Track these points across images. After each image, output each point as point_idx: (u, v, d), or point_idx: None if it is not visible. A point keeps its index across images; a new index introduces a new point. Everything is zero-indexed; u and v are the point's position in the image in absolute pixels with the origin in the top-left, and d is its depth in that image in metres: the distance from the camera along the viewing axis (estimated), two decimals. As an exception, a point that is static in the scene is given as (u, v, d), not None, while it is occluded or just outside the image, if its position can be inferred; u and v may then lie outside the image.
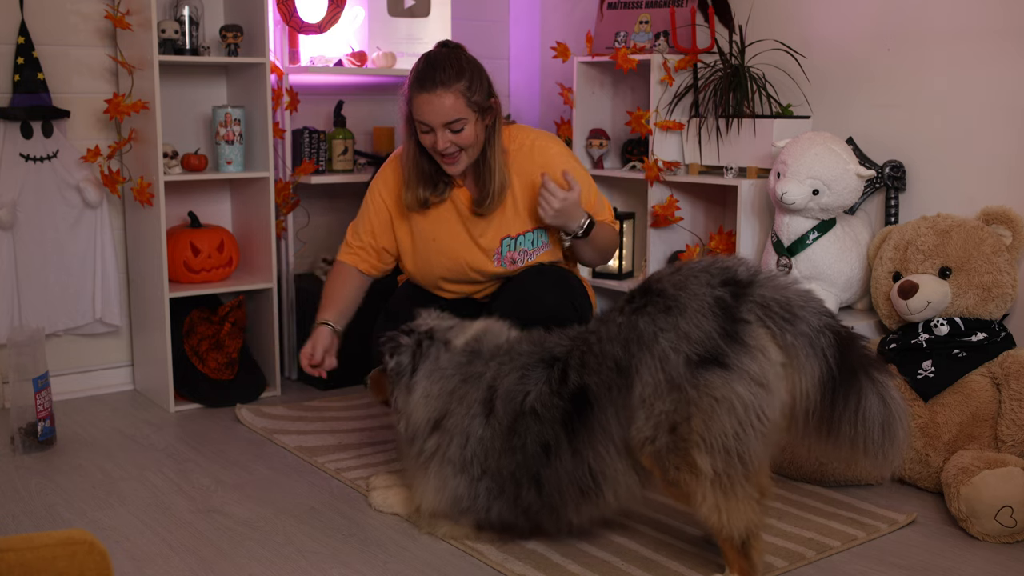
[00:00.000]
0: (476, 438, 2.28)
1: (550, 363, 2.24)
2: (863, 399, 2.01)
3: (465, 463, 2.29)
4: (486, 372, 2.31)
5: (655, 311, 2.08)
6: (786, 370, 2.02)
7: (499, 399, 2.27)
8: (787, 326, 2.00)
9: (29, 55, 3.33)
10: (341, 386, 3.66)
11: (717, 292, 2.04)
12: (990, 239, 2.74)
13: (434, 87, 2.55)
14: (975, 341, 2.67)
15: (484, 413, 2.28)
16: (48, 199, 3.43)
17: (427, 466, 2.35)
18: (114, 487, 2.74)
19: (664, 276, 2.14)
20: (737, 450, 2.00)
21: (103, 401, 3.53)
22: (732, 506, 2.03)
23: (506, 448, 2.25)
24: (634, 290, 2.19)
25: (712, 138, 3.35)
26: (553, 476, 2.21)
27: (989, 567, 2.28)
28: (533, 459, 2.22)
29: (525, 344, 2.33)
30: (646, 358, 2.06)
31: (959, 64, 2.96)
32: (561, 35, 4.14)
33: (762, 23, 3.44)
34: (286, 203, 3.68)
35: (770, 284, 2.06)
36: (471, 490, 2.30)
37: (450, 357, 2.35)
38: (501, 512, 2.30)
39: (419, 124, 2.61)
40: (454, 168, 2.64)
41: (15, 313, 3.39)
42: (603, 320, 2.21)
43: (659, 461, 2.08)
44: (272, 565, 2.28)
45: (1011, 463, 2.41)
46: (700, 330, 2.02)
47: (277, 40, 3.67)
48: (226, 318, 3.54)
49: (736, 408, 1.99)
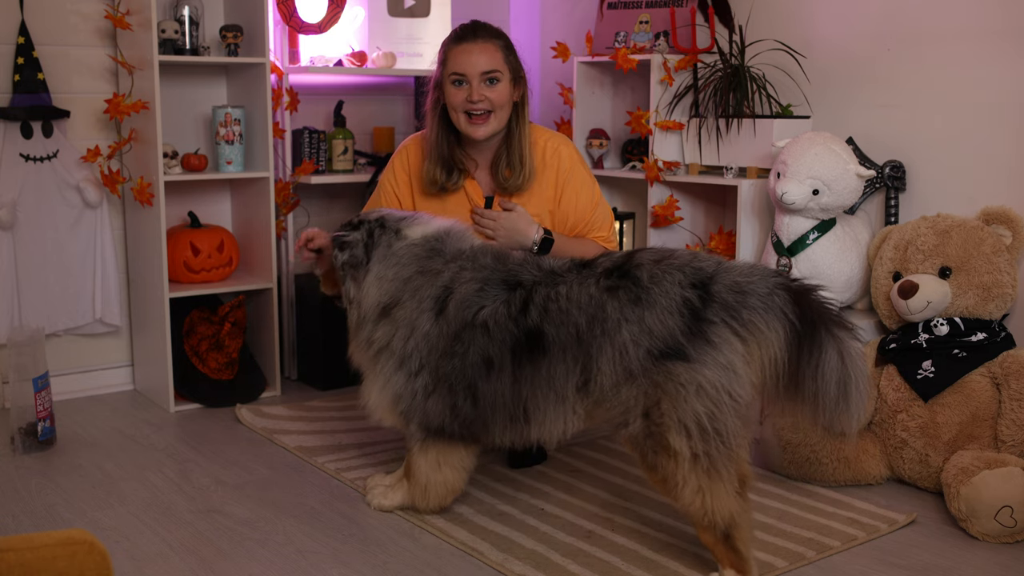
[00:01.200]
0: (421, 333, 2.31)
1: (513, 286, 2.27)
2: (823, 353, 2.04)
3: (405, 356, 2.32)
4: (444, 271, 2.33)
5: (625, 299, 2.12)
6: (751, 354, 2.05)
7: (452, 302, 2.29)
8: (741, 309, 2.04)
9: (29, 55, 3.33)
10: (341, 386, 3.66)
11: (687, 293, 2.08)
12: (990, 239, 2.74)
13: (475, 38, 2.64)
14: (975, 341, 2.67)
15: (434, 310, 2.30)
16: (48, 199, 3.43)
17: (376, 360, 2.38)
18: (114, 487, 2.74)
19: (645, 263, 2.16)
20: (713, 428, 2.02)
21: (103, 401, 3.53)
22: (716, 488, 2.05)
23: (447, 352, 2.28)
24: (615, 261, 2.21)
25: (712, 138, 3.35)
26: (489, 392, 2.25)
27: (989, 567, 2.28)
28: (472, 368, 2.26)
29: (490, 258, 2.35)
30: (607, 347, 2.11)
31: (959, 64, 2.96)
32: (561, 35, 4.14)
33: (762, 23, 3.44)
34: (286, 203, 3.68)
35: (725, 275, 2.09)
36: (409, 386, 2.33)
37: (407, 247, 2.38)
38: (434, 411, 2.32)
39: (453, 78, 2.65)
40: (481, 130, 2.65)
41: (15, 313, 3.38)
42: (578, 276, 2.22)
43: (637, 446, 2.12)
44: (272, 565, 2.28)
45: (1011, 463, 2.41)
46: (663, 327, 2.06)
47: (277, 40, 3.67)
48: (226, 318, 3.54)
49: (705, 388, 2.02)
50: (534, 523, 2.48)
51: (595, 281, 2.19)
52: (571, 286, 2.20)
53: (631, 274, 2.15)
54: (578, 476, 2.80)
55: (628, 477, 2.79)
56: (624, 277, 2.16)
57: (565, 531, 2.44)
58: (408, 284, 2.34)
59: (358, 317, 2.41)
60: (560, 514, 2.54)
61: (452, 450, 2.41)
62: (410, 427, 2.40)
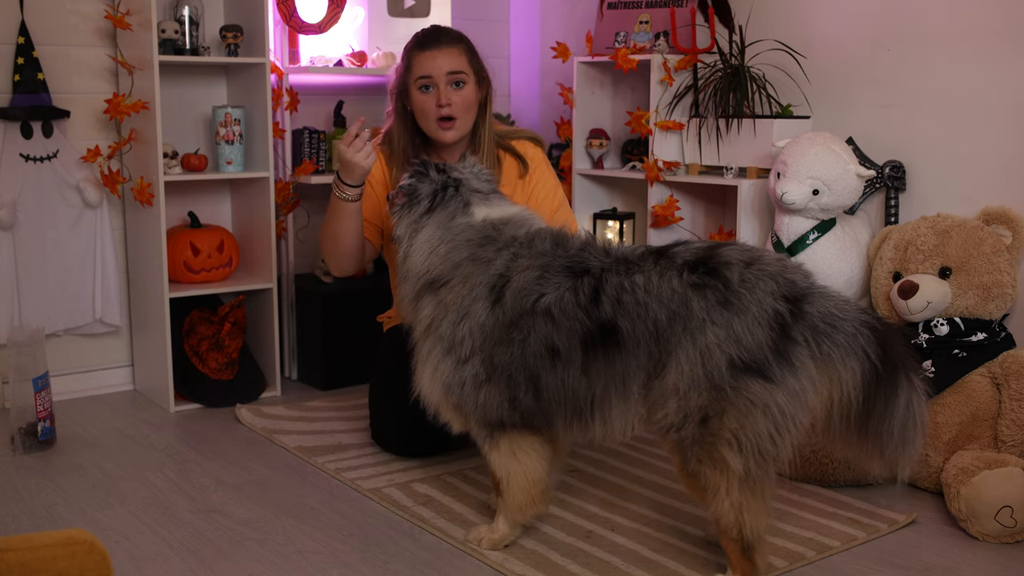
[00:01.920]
0: (476, 321, 2.19)
1: (579, 273, 2.14)
2: (896, 398, 2.00)
3: (455, 342, 2.21)
4: (496, 259, 2.21)
5: (713, 299, 2.01)
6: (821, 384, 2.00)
7: (509, 291, 2.17)
8: (824, 339, 1.99)
9: (29, 55, 3.33)
10: (341, 386, 3.66)
11: (779, 306, 1.99)
12: (990, 239, 2.74)
13: (438, 43, 2.66)
14: (975, 341, 2.67)
15: (489, 298, 2.19)
16: (48, 199, 3.42)
17: (425, 338, 2.27)
18: (114, 487, 2.74)
19: (735, 263, 2.04)
20: (773, 453, 1.98)
21: (103, 401, 3.53)
22: (755, 506, 2.01)
23: (503, 340, 2.16)
24: (698, 256, 2.07)
25: (712, 138, 3.35)
26: (555, 384, 2.14)
27: (989, 567, 2.28)
28: (534, 358, 2.14)
29: (549, 243, 2.22)
30: (688, 347, 2.01)
31: (959, 64, 2.96)
32: (561, 35, 4.14)
33: (762, 23, 3.44)
34: (286, 203, 3.68)
35: (820, 300, 2.02)
36: (457, 374, 2.21)
37: (465, 227, 2.26)
38: (491, 406, 2.21)
39: (420, 83, 2.65)
40: (450, 134, 2.68)
41: (15, 313, 3.38)
42: (657, 266, 2.09)
43: (681, 450, 2.05)
44: (272, 565, 2.28)
45: (1011, 463, 2.41)
46: (752, 338, 1.97)
47: (277, 40, 3.67)
48: (226, 318, 3.54)
49: (773, 413, 1.96)
50: (534, 523, 2.48)
51: (677, 274, 2.05)
52: (648, 276, 2.07)
53: (719, 273, 2.03)
54: (578, 476, 2.80)
55: (628, 477, 2.79)
56: (711, 275, 2.03)
57: (565, 531, 2.44)
58: (459, 269, 2.23)
59: (404, 269, 2.30)
60: (560, 514, 2.54)
61: (522, 437, 2.27)
62: (472, 427, 2.29)
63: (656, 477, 2.78)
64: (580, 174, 3.82)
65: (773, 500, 2.05)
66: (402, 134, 2.74)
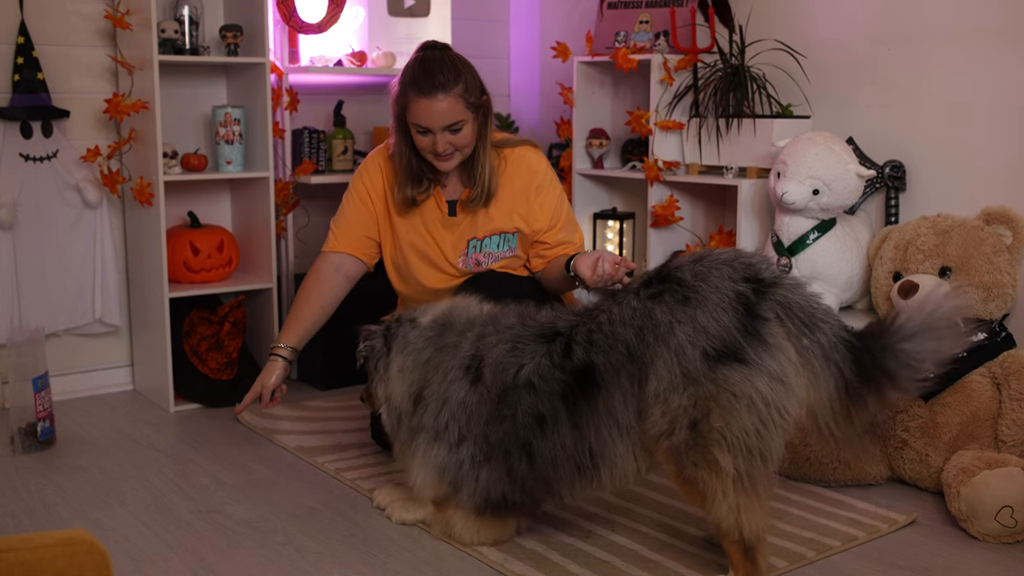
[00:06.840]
0: (456, 402, 2.24)
1: (550, 337, 2.19)
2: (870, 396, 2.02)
3: (440, 429, 2.25)
4: (461, 342, 2.28)
5: (673, 301, 2.03)
6: (803, 367, 2.00)
7: (487, 368, 2.22)
8: (805, 331, 1.99)
9: (29, 55, 3.32)
10: (341, 386, 3.66)
11: (739, 287, 2.00)
12: (990, 239, 2.74)
13: (434, 92, 2.58)
14: (975, 341, 2.66)
15: (465, 378, 2.24)
16: (48, 199, 3.42)
17: (411, 442, 2.33)
18: (114, 487, 2.74)
19: (685, 264, 2.08)
20: (760, 448, 1.98)
21: (103, 401, 3.53)
22: (752, 506, 2.01)
23: (493, 416, 2.20)
24: (650, 274, 2.13)
25: (712, 138, 3.35)
26: (547, 448, 2.16)
27: (989, 567, 2.28)
28: (524, 429, 2.17)
29: (512, 317, 2.29)
30: (662, 351, 2.02)
31: (959, 64, 2.96)
32: (561, 35, 4.14)
33: (762, 23, 3.44)
34: (286, 203, 3.68)
35: (795, 289, 2.03)
36: (453, 457, 2.25)
37: (419, 332, 2.34)
38: (490, 482, 2.24)
39: (415, 127, 2.63)
40: (448, 164, 2.69)
41: (15, 313, 3.38)
42: (615, 300, 2.14)
43: (676, 457, 2.05)
44: (272, 565, 2.28)
45: (1011, 463, 2.41)
46: (719, 324, 1.98)
47: (277, 40, 3.67)
48: (226, 318, 3.54)
49: (757, 404, 1.96)
50: (534, 523, 2.47)
51: (634, 295, 2.10)
52: (610, 310, 2.12)
53: (672, 276, 2.07)
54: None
55: (628, 477, 2.79)
56: (665, 282, 2.07)
57: (565, 531, 2.44)
58: (429, 364, 2.30)
59: (396, 418, 2.36)
60: (560, 514, 2.54)
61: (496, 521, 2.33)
62: (459, 495, 2.30)
63: (656, 477, 2.78)
64: (580, 174, 3.82)
65: (770, 500, 2.05)
66: (405, 151, 2.73)
